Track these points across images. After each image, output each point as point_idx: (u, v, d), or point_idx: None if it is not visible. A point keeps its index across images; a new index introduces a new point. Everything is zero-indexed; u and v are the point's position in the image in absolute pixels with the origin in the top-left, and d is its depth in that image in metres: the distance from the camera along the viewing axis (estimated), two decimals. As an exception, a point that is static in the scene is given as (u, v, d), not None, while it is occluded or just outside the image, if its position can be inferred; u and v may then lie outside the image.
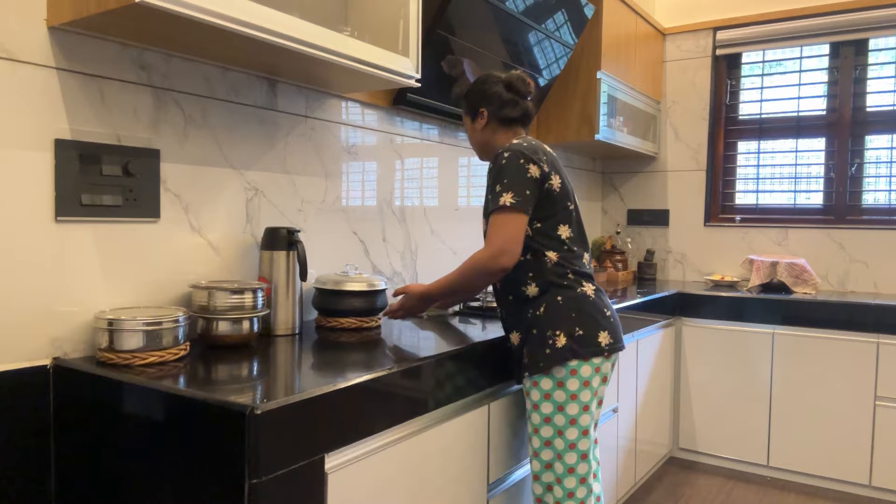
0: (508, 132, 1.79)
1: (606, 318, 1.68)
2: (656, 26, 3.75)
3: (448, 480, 1.57)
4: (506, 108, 1.77)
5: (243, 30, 1.36)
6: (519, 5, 2.40)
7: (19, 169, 1.32)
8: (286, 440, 1.12)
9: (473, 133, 1.83)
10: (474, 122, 1.82)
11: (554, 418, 1.64)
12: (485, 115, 1.78)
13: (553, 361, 1.62)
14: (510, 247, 1.57)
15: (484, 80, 1.80)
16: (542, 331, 1.64)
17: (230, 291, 1.53)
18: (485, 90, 1.79)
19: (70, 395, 1.34)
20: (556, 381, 1.63)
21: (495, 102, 1.77)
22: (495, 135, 1.79)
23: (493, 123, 1.78)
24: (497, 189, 1.60)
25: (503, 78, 1.79)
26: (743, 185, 3.77)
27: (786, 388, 3.13)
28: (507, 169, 1.61)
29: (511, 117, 1.78)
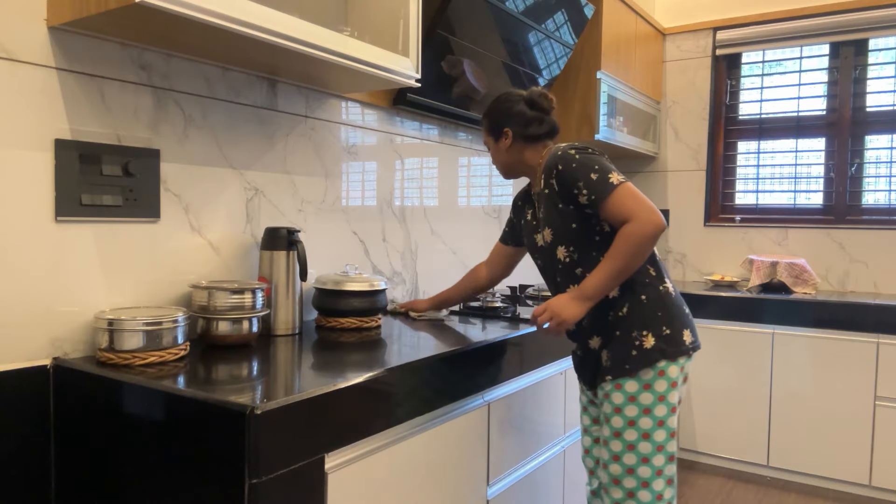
0: (537, 147, 1.76)
1: (687, 316, 1.67)
2: (656, 26, 3.75)
3: (448, 480, 1.57)
4: (531, 126, 1.73)
5: (243, 30, 1.36)
6: (519, 5, 2.40)
7: (19, 169, 1.32)
8: (286, 440, 1.12)
9: (498, 153, 1.79)
10: (498, 142, 1.77)
11: (639, 422, 1.58)
12: (509, 134, 1.75)
13: (641, 363, 1.58)
14: (653, 207, 1.54)
15: (505, 100, 1.77)
16: (628, 332, 1.60)
17: (230, 291, 1.53)
18: (507, 109, 1.75)
19: (70, 395, 1.34)
20: (642, 384, 1.58)
21: (519, 121, 1.73)
22: (523, 153, 1.76)
23: (520, 142, 1.75)
24: (594, 177, 1.56)
25: (524, 95, 1.76)
26: (743, 185, 3.77)
27: (786, 388, 3.13)
28: (588, 160, 1.59)
29: (537, 134, 1.74)
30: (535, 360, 1.97)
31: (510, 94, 1.78)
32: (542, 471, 2.04)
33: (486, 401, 1.73)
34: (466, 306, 2.26)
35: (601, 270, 1.55)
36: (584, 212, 1.62)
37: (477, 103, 2.55)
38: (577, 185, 1.58)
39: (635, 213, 1.53)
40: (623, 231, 1.53)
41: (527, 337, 1.90)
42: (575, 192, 1.59)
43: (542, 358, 2.01)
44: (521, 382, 1.91)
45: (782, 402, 3.14)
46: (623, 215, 1.54)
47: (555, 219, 1.66)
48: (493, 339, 1.74)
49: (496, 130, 1.77)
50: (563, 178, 1.61)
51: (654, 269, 1.65)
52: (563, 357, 2.14)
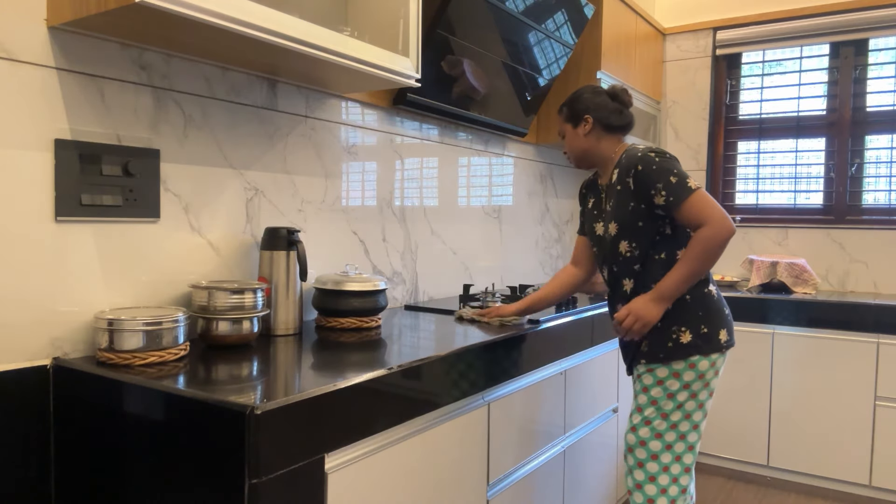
0: (613, 139, 1.86)
1: (726, 317, 1.79)
2: (656, 26, 3.75)
3: (448, 480, 1.57)
4: (612, 117, 1.84)
5: (243, 30, 1.36)
6: (519, 5, 2.40)
7: (19, 169, 1.32)
8: (286, 440, 1.12)
9: (576, 139, 1.87)
10: (577, 127, 1.87)
11: (661, 402, 1.74)
12: (589, 121, 1.84)
13: (675, 355, 1.72)
14: (724, 213, 1.65)
15: (590, 90, 1.88)
16: (668, 325, 1.74)
17: (230, 291, 1.53)
18: (589, 98, 1.86)
19: (70, 395, 1.34)
20: (672, 372, 1.73)
21: (601, 110, 1.84)
22: (600, 141, 1.85)
23: (598, 130, 1.85)
24: (674, 180, 1.67)
25: (607, 89, 1.88)
26: (743, 185, 3.77)
27: (786, 388, 3.13)
28: (668, 164, 1.69)
29: (616, 125, 1.85)
30: (535, 360, 1.97)
31: (594, 87, 1.90)
32: (542, 471, 2.04)
33: (486, 401, 1.73)
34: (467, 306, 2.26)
35: (678, 272, 1.68)
36: (655, 212, 1.74)
37: (477, 103, 2.55)
38: (655, 187, 1.69)
39: (711, 217, 1.64)
40: (699, 235, 1.65)
41: (527, 337, 1.90)
42: (652, 193, 1.70)
43: (542, 358, 2.01)
44: (521, 382, 1.91)
45: (782, 402, 3.14)
46: (699, 219, 1.65)
47: (623, 214, 1.77)
48: (493, 339, 1.74)
49: (576, 117, 1.87)
50: (641, 178, 1.71)
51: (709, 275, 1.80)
52: (563, 357, 2.14)
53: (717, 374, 1.77)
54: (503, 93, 2.67)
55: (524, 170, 3.17)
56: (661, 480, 1.74)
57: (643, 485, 1.76)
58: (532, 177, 3.24)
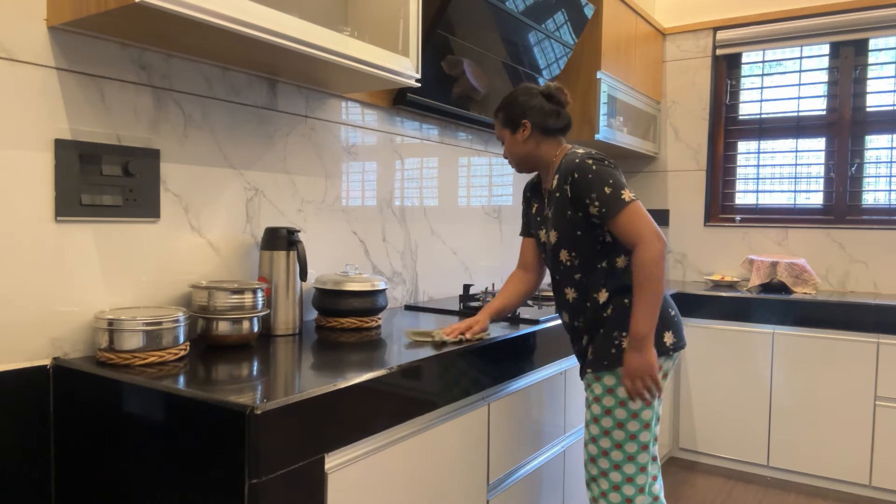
0: (552, 142, 1.80)
1: (671, 319, 1.74)
2: (656, 26, 3.75)
3: (448, 480, 1.57)
4: (549, 119, 1.77)
5: (243, 30, 1.36)
6: (519, 5, 2.40)
7: (19, 169, 1.32)
8: (286, 440, 1.12)
9: (514, 145, 1.81)
10: (515, 133, 1.79)
11: (615, 412, 1.69)
12: (528, 126, 1.77)
13: (617, 361, 1.68)
14: (658, 230, 1.62)
15: (523, 92, 1.80)
16: (609, 331, 1.70)
17: (230, 291, 1.53)
18: (525, 101, 1.78)
19: (70, 395, 1.34)
20: (618, 378, 1.68)
21: (538, 113, 1.77)
22: (539, 146, 1.79)
23: (537, 134, 1.78)
24: (608, 191, 1.62)
25: (541, 89, 1.80)
26: (743, 185, 3.77)
27: (786, 388, 3.13)
28: (604, 172, 1.64)
29: (555, 127, 1.78)
30: (535, 360, 1.97)
31: (528, 88, 1.81)
32: (542, 471, 2.04)
33: (486, 401, 1.73)
34: (467, 307, 2.26)
35: (637, 308, 1.62)
36: (591, 221, 1.69)
37: (477, 103, 2.55)
38: (589, 196, 1.64)
39: (643, 235, 1.60)
40: (637, 260, 1.61)
41: (527, 337, 1.91)
42: (587, 202, 1.65)
43: (542, 358, 2.01)
44: (521, 382, 1.91)
45: (782, 402, 3.14)
46: (631, 236, 1.62)
47: (562, 223, 1.73)
48: (493, 338, 1.74)
49: (513, 122, 1.79)
50: (577, 187, 1.66)
51: None
52: (563, 357, 2.14)
53: (665, 377, 1.71)
54: (503, 93, 2.67)
55: (524, 170, 3.16)
56: (626, 490, 1.70)
57: (607, 493, 1.72)
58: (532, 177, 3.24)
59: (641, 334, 1.62)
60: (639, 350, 1.62)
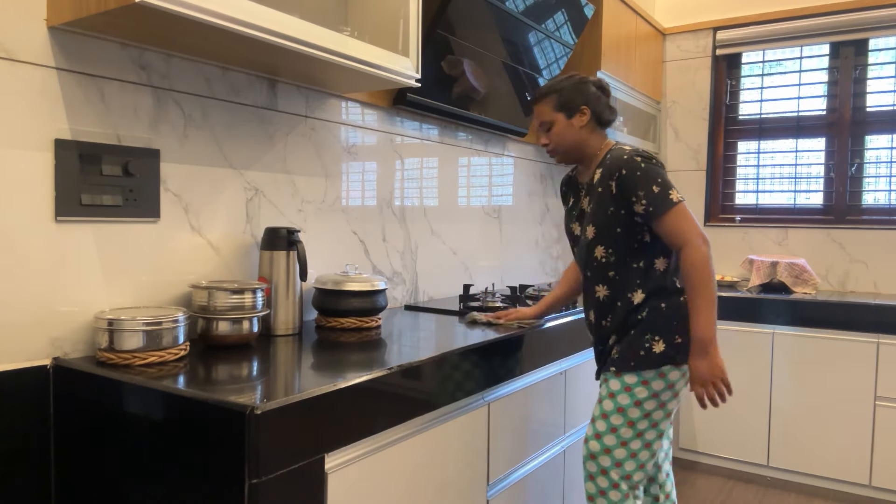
0: (601, 135, 1.79)
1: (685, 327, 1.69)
2: (656, 26, 3.75)
3: (448, 480, 1.57)
4: (605, 110, 1.77)
5: (243, 30, 1.36)
6: (519, 5, 2.40)
7: (19, 169, 1.32)
8: (286, 440, 1.12)
9: (568, 130, 1.76)
10: (571, 118, 1.75)
11: (628, 410, 1.67)
12: (587, 113, 1.75)
13: (646, 364, 1.66)
14: (703, 232, 1.61)
15: (580, 80, 1.77)
16: (641, 334, 1.68)
17: (230, 291, 1.53)
18: (583, 88, 1.75)
19: (70, 395, 1.34)
20: (641, 380, 1.67)
21: (596, 102, 1.75)
22: (591, 136, 1.77)
23: (593, 123, 1.76)
24: (656, 190, 1.61)
25: (595, 81, 1.79)
26: (743, 185, 3.77)
27: (786, 388, 3.12)
28: (653, 171, 1.62)
29: (609, 120, 1.78)
30: (535, 360, 1.97)
31: (582, 77, 1.78)
32: (542, 471, 2.04)
33: (486, 401, 1.73)
34: (467, 306, 2.26)
35: (696, 311, 1.60)
36: (634, 219, 1.67)
37: (477, 103, 2.55)
38: (636, 194, 1.62)
39: (690, 237, 1.59)
40: (687, 262, 1.60)
41: (527, 337, 1.90)
42: (633, 200, 1.63)
43: (542, 358, 2.01)
44: (521, 382, 1.91)
45: (782, 402, 3.14)
46: (677, 237, 1.61)
47: (601, 218, 1.70)
48: (493, 339, 1.74)
49: (571, 107, 1.75)
50: (624, 183, 1.64)
51: (678, 281, 1.72)
52: (563, 357, 2.14)
53: (673, 387, 1.69)
54: (503, 93, 2.67)
55: (524, 170, 3.17)
56: (624, 487, 1.69)
57: (607, 492, 1.70)
58: (532, 177, 3.24)
59: (707, 339, 1.59)
60: (705, 355, 1.59)
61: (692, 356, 1.62)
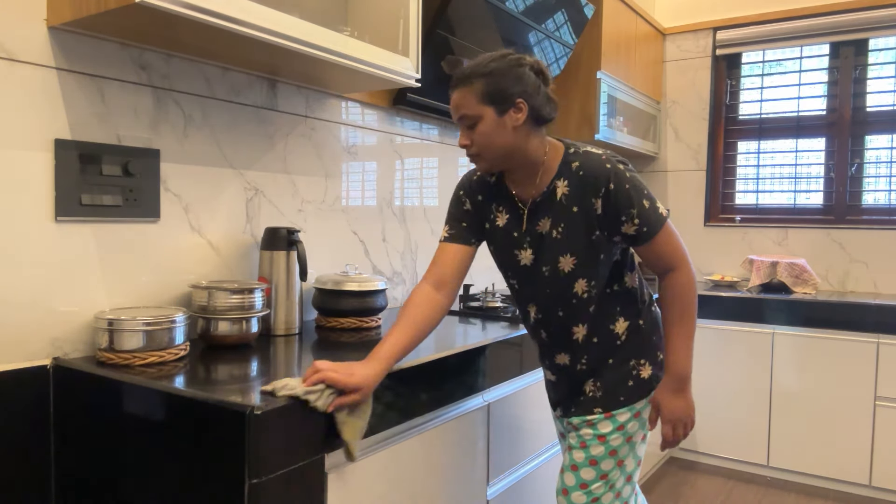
0: (538, 136, 1.37)
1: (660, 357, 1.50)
2: (656, 26, 3.75)
3: (448, 480, 1.57)
4: (547, 105, 1.34)
5: (243, 30, 1.36)
6: (519, 5, 2.40)
7: (19, 169, 1.32)
8: (286, 440, 1.12)
9: (500, 132, 1.31)
10: (504, 115, 1.30)
11: (619, 450, 1.44)
12: (523, 108, 1.30)
13: (637, 395, 1.44)
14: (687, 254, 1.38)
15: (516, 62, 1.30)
16: (624, 360, 1.44)
17: (230, 291, 1.53)
18: (520, 74, 1.29)
19: (70, 395, 1.34)
20: (633, 413, 1.44)
21: (535, 95, 1.31)
22: (530, 137, 1.35)
23: (530, 123, 1.33)
24: (647, 205, 1.32)
25: (528, 61, 1.32)
26: (743, 185, 3.77)
27: (786, 388, 3.13)
28: (637, 181, 1.34)
29: (549, 116, 1.36)
30: (535, 361, 1.97)
31: (517, 58, 1.31)
32: (542, 471, 2.04)
33: (486, 401, 1.73)
34: (467, 306, 2.26)
35: (675, 343, 1.38)
36: (613, 240, 1.37)
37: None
38: (628, 212, 1.31)
39: (680, 259, 1.36)
40: (676, 287, 1.36)
41: (527, 337, 1.90)
42: (623, 220, 1.33)
43: (542, 358, 2.01)
44: (521, 382, 1.91)
45: (782, 402, 3.14)
46: (669, 259, 1.35)
47: (582, 246, 1.37)
48: (493, 339, 1.74)
49: (504, 99, 1.29)
50: (614, 201, 1.32)
51: (645, 291, 1.51)
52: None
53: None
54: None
55: (524, 170, 3.16)
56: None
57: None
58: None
59: (686, 375, 1.38)
60: (681, 392, 1.39)
61: (665, 391, 1.40)
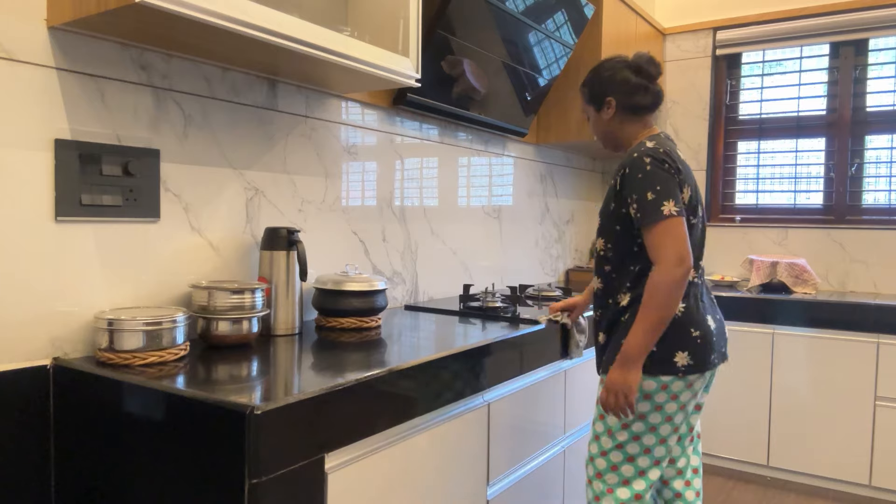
0: (638, 122, 1.72)
1: (691, 339, 1.60)
2: (656, 26, 3.75)
3: (448, 480, 1.57)
4: (636, 96, 1.69)
5: (243, 30, 1.36)
6: (519, 5, 2.40)
7: (19, 169, 1.32)
8: (286, 440, 1.12)
9: (599, 123, 1.76)
10: (600, 111, 1.74)
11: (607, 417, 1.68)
12: (612, 104, 1.71)
13: None
14: (685, 253, 1.52)
15: (609, 67, 1.72)
16: (622, 336, 1.64)
17: (230, 291, 1.53)
18: (611, 77, 1.70)
19: (70, 395, 1.34)
20: None
21: (623, 90, 1.69)
22: (623, 125, 1.72)
23: (622, 113, 1.71)
24: (650, 196, 1.54)
25: (630, 61, 1.71)
26: (743, 185, 3.77)
27: (786, 388, 3.13)
28: (656, 176, 1.54)
29: (642, 105, 1.70)
30: (535, 360, 1.97)
31: (615, 61, 1.73)
32: (542, 471, 2.04)
33: (486, 401, 1.73)
34: (467, 306, 2.26)
35: (637, 326, 1.55)
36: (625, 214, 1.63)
37: (477, 103, 2.55)
38: (631, 196, 1.58)
39: (664, 257, 1.52)
40: (651, 281, 1.54)
41: (527, 337, 1.90)
42: (628, 201, 1.60)
43: (542, 358, 2.01)
44: (521, 382, 1.91)
45: (782, 402, 3.14)
46: (654, 252, 1.54)
47: (604, 212, 1.70)
48: (493, 339, 1.74)
49: (598, 99, 1.73)
50: (624, 182, 1.60)
51: None
52: (563, 357, 2.14)
53: (675, 398, 1.61)
54: (503, 93, 2.67)
55: (524, 170, 3.17)
56: (621, 494, 1.65)
57: (601, 497, 1.67)
58: (532, 177, 3.24)
59: (630, 354, 1.55)
60: (623, 367, 1.57)
61: (614, 363, 1.60)
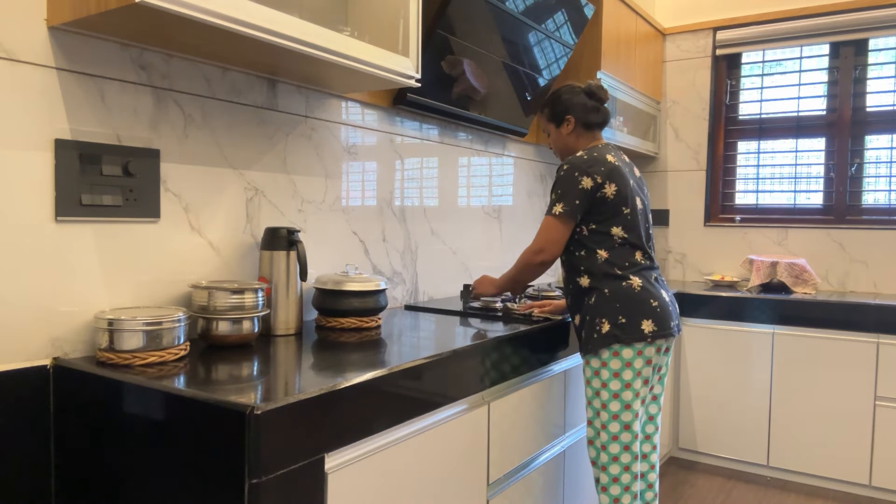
0: (589, 136, 2.05)
1: (651, 308, 1.87)
2: (656, 26, 3.75)
3: (448, 480, 1.57)
4: (591, 114, 2.02)
5: (243, 30, 1.36)
6: (519, 5, 2.40)
7: (19, 169, 1.32)
8: (286, 440, 1.12)
9: (559, 137, 2.07)
10: (560, 127, 2.06)
11: (600, 393, 1.88)
12: (571, 121, 2.02)
13: (598, 345, 1.86)
14: (548, 247, 1.89)
15: (568, 91, 2.04)
16: (592, 318, 1.88)
17: (230, 291, 1.53)
18: (570, 99, 2.03)
19: (70, 395, 1.34)
20: (601, 362, 1.87)
21: (580, 109, 2.01)
22: (578, 138, 2.04)
23: (579, 128, 2.03)
24: (553, 196, 1.91)
25: (583, 88, 2.04)
26: (743, 185, 3.77)
27: (786, 388, 3.12)
28: (564, 180, 1.89)
29: (595, 122, 2.03)
30: (535, 360, 1.97)
31: (571, 87, 2.06)
32: (542, 471, 2.04)
33: (486, 401, 1.73)
34: (466, 306, 2.26)
35: (507, 272, 2.02)
36: None
37: (477, 103, 2.55)
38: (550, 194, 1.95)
39: (534, 242, 1.92)
40: (521, 255, 1.96)
41: (527, 337, 1.90)
42: None
43: (542, 358, 2.01)
44: (521, 382, 1.91)
45: (782, 402, 3.14)
46: (535, 237, 1.94)
47: None
48: (492, 338, 1.74)
49: (559, 117, 2.05)
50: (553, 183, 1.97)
51: (619, 268, 1.90)
52: (563, 357, 2.14)
53: (649, 363, 1.87)
54: (503, 93, 2.67)
55: (524, 170, 3.17)
56: (612, 470, 1.88)
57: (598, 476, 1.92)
58: (532, 177, 3.24)
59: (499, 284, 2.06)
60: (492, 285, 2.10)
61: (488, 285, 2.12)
